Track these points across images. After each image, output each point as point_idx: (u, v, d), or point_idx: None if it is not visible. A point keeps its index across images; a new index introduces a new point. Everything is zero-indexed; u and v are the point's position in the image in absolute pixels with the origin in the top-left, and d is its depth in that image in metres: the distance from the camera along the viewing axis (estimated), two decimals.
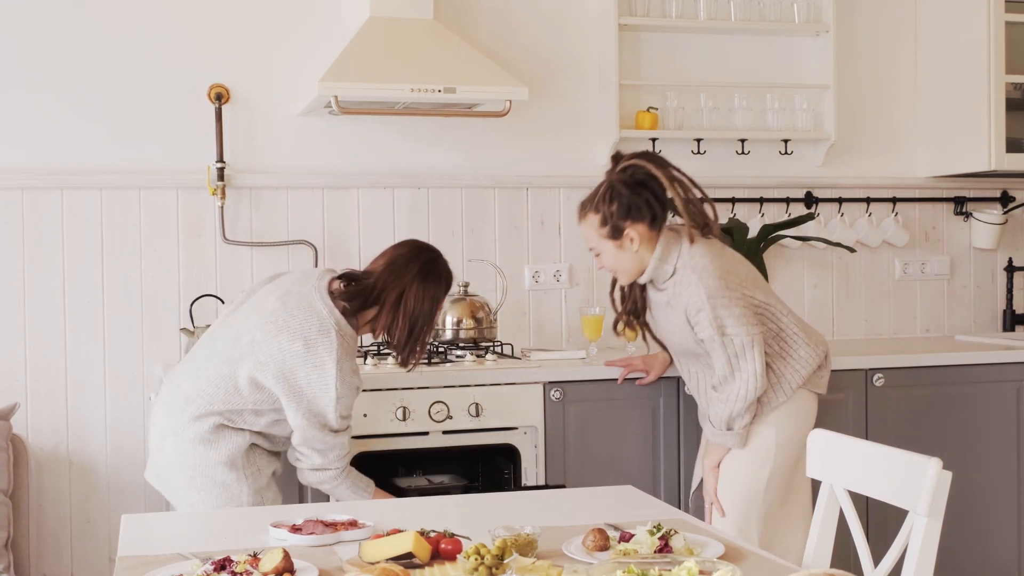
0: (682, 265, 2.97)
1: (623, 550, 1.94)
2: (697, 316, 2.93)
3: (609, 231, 2.99)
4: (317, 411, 2.79)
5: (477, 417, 3.38)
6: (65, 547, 3.75)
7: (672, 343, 3.18)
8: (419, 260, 2.92)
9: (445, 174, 4.05)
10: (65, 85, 3.74)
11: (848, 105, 4.42)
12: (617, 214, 2.97)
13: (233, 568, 1.84)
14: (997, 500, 3.85)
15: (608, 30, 4.07)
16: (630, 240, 2.99)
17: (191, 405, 2.86)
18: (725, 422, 3.00)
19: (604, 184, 3.02)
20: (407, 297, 2.87)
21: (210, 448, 2.83)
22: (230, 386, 2.83)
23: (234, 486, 2.83)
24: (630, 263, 3.03)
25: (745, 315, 2.93)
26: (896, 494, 2.13)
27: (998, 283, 4.62)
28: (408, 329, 2.88)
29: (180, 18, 3.82)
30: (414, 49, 3.67)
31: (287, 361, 2.77)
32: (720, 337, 2.91)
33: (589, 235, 3.04)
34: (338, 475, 2.87)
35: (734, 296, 2.93)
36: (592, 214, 3.02)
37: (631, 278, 3.09)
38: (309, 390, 2.78)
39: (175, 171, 3.82)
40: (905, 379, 3.74)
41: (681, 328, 3.02)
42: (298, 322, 2.79)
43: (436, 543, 1.99)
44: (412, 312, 2.87)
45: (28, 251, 3.71)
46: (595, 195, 3.02)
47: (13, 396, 3.65)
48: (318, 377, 2.76)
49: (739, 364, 2.93)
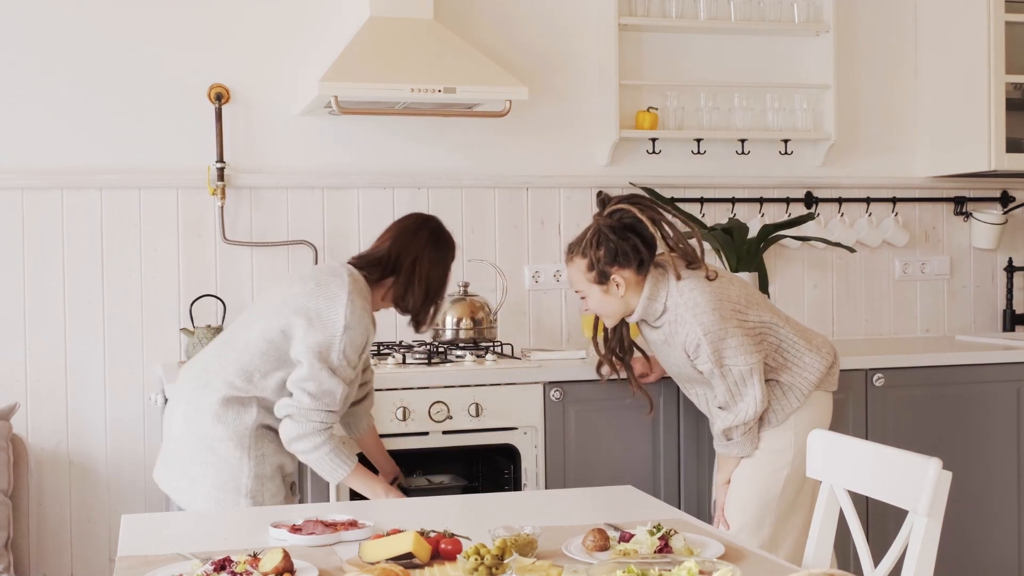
0: (673, 303, 2.99)
1: (623, 550, 1.94)
2: (696, 352, 2.97)
3: (596, 276, 3.01)
4: (321, 341, 2.76)
5: (477, 417, 3.38)
6: (65, 547, 3.76)
7: (674, 373, 3.22)
8: (427, 228, 3.01)
9: (445, 174, 4.05)
10: (65, 85, 3.74)
11: (848, 105, 4.42)
12: (604, 259, 2.98)
13: (233, 568, 1.84)
14: (997, 500, 3.85)
15: (608, 30, 4.08)
16: (616, 285, 3.00)
17: (205, 373, 2.89)
18: (723, 433, 3.04)
19: (592, 228, 3.02)
20: (421, 261, 2.95)
21: (218, 422, 2.83)
22: (242, 346, 2.86)
23: (236, 464, 2.82)
24: (616, 307, 3.05)
25: (743, 344, 2.96)
26: (896, 494, 2.13)
27: (998, 283, 4.62)
28: (424, 292, 2.95)
29: (180, 18, 3.83)
30: (414, 49, 3.67)
31: (300, 297, 2.83)
32: (719, 369, 2.96)
33: (575, 278, 3.06)
34: (321, 444, 2.79)
35: (729, 326, 2.96)
36: (579, 258, 3.03)
37: (616, 320, 3.12)
38: (318, 318, 2.78)
39: (175, 171, 3.82)
40: (905, 379, 3.74)
41: (682, 362, 3.06)
42: (311, 272, 2.94)
43: (436, 543, 1.99)
44: (428, 275, 2.95)
45: (28, 251, 3.72)
46: (582, 239, 3.03)
47: (13, 396, 3.65)
48: (328, 306, 2.79)
49: (740, 391, 2.99)
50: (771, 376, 3.05)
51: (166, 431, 2.98)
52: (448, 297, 3.74)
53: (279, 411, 2.82)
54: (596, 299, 3.05)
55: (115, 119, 3.78)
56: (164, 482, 2.97)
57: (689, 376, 3.12)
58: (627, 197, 3.05)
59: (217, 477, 2.82)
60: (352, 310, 2.79)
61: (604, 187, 4.16)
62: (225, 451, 2.83)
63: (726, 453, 3.09)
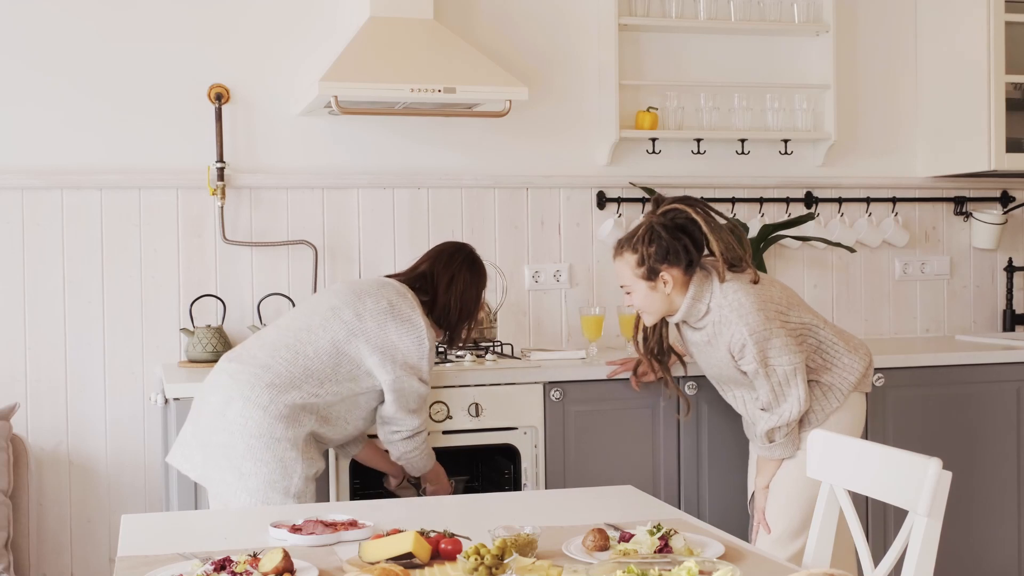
0: (717, 304, 3.02)
1: (623, 550, 1.94)
2: (742, 352, 3.00)
3: (645, 272, 3.04)
4: (413, 364, 2.98)
5: (477, 417, 3.38)
6: (65, 547, 3.76)
7: (714, 375, 3.24)
8: (463, 252, 3.21)
9: (445, 174, 4.05)
10: (65, 85, 3.74)
11: (848, 105, 4.42)
12: (655, 256, 3.02)
13: (233, 568, 1.84)
14: (997, 500, 3.85)
15: (608, 30, 4.08)
16: (664, 283, 3.04)
17: (268, 372, 2.91)
18: (766, 435, 3.07)
19: (644, 225, 3.07)
20: (457, 280, 3.13)
21: (282, 423, 2.87)
22: (312, 353, 2.95)
23: (291, 465, 2.87)
24: (660, 304, 3.08)
25: (787, 344, 2.99)
26: (896, 494, 2.13)
27: (998, 283, 4.62)
28: (459, 310, 3.12)
29: (180, 18, 3.83)
30: (414, 49, 3.67)
31: (377, 320, 2.97)
32: (764, 369, 2.99)
33: (624, 273, 3.09)
34: (425, 436, 3.09)
35: (774, 327, 2.98)
36: (629, 253, 3.06)
37: (656, 318, 3.14)
38: (402, 344, 2.97)
39: (175, 171, 3.82)
40: (905, 379, 3.74)
41: (725, 363, 3.08)
42: (375, 288, 3.05)
43: (436, 543, 1.99)
44: (463, 294, 3.13)
45: (28, 251, 3.72)
46: (634, 235, 3.07)
47: (13, 396, 3.65)
48: (408, 330, 2.99)
49: (784, 391, 3.01)
50: (812, 377, 3.08)
51: (207, 421, 2.94)
52: None
53: (384, 437, 3.07)
54: (641, 295, 3.08)
55: (115, 119, 3.78)
56: (199, 471, 2.96)
57: (730, 377, 3.14)
58: (682, 199, 3.09)
59: (270, 476, 2.86)
60: (428, 332, 3.01)
61: (604, 187, 4.16)
62: (283, 452, 2.87)
63: (768, 455, 3.11)
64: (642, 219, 3.12)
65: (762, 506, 3.14)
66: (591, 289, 4.17)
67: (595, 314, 3.81)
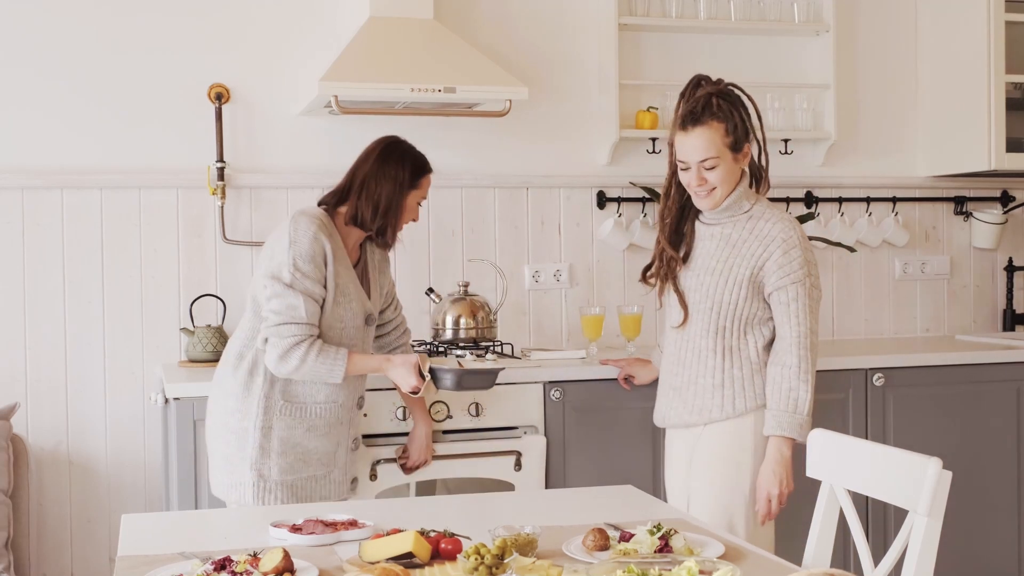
0: (763, 207, 2.87)
1: (623, 550, 1.94)
2: (789, 255, 2.78)
3: (732, 142, 2.82)
4: (274, 266, 2.83)
5: (477, 417, 3.38)
6: (65, 547, 3.76)
7: (710, 294, 2.89)
8: (379, 146, 3.00)
9: (445, 174, 4.04)
10: (65, 85, 3.74)
11: (848, 105, 4.42)
12: (740, 127, 2.83)
13: (233, 568, 1.84)
14: (997, 500, 3.85)
15: (608, 30, 4.07)
16: (744, 156, 2.84)
17: (229, 353, 2.98)
18: (808, 403, 2.77)
19: (710, 96, 2.84)
20: (368, 181, 2.94)
21: (228, 395, 2.90)
22: (250, 313, 2.95)
23: (247, 433, 2.87)
24: (733, 182, 2.84)
25: (817, 281, 2.84)
26: (896, 494, 2.13)
27: (998, 283, 4.62)
28: (372, 209, 2.93)
29: (180, 18, 3.82)
30: (414, 49, 3.67)
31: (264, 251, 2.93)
32: (808, 282, 2.78)
33: (706, 145, 2.80)
34: (307, 347, 2.80)
35: (812, 254, 2.84)
36: (716, 121, 2.81)
37: (720, 201, 2.85)
38: (269, 249, 2.87)
39: (175, 171, 3.82)
40: (905, 379, 3.74)
41: (738, 270, 2.83)
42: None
43: (436, 543, 1.99)
44: (374, 193, 2.93)
45: (28, 251, 3.71)
46: (707, 105, 2.83)
47: (13, 396, 3.65)
48: (275, 237, 2.89)
49: (814, 325, 2.80)
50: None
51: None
52: (448, 296, 3.74)
53: (259, 342, 2.88)
54: (727, 167, 2.82)
55: (115, 119, 3.78)
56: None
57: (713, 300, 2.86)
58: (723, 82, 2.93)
59: (226, 448, 2.90)
60: (295, 227, 2.84)
61: (604, 187, 4.16)
62: (237, 418, 2.88)
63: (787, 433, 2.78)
64: (696, 93, 2.88)
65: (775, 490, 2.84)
66: (591, 289, 4.16)
67: (595, 314, 3.81)
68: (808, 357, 2.80)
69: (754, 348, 2.88)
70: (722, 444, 2.90)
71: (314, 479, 2.94)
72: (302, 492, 2.92)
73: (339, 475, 3.00)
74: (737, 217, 2.89)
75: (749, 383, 2.88)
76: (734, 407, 2.88)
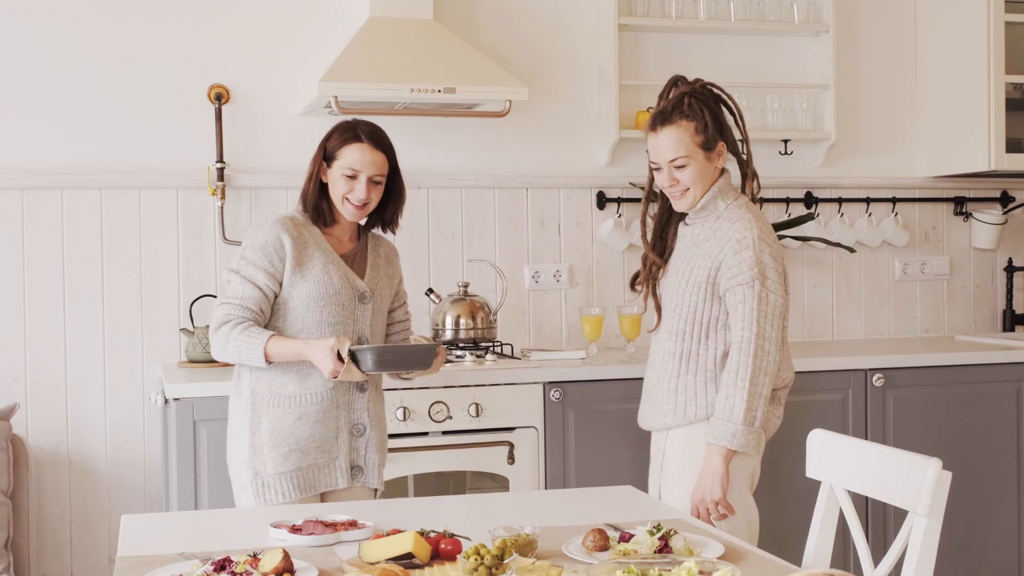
0: (735, 207, 2.79)
1: (623, 550, 1.94)
2: (740, 255, 2.70)
3: (704, 140, 2.77)
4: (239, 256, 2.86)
5: (477, 417, 3.38)
6: (65, 547, 3.76)
7: (675, 296, 2.84)
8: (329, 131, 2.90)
9: (445, 174, 4.05)
10: (65, 86, 3.74)
11: (848, 105, 4.42)
12: (712, 125, 2.77)
13: (233, 568, 1.84)
14: (997, 500, 3.85)
15: (608, 30, 4.08)
16: (717, 155, 2.79)
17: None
18: (744, 411, 2.65)
19: (683, 96, 2.78)
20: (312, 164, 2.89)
21: (231, 402, 2.88)
22: None
23: (239, 434, 2.83)
24: (707, 182, 2.79)
25: (782, 281, 2.72)
26: (896, 494, 2.13)
27: (998, 283, 4.63)
28: (303, 189, 2.89)
29: (180, 18, 3.82)
30: (414, 49, 3.67)
31: None
32: (759, 284, 2.67)
33: (675, 145, 2.75)
34: (231, 324, 2.75)
35: (778, 255, 2.73)
36: (685, 120, 2.76)
37: (694, 203, 2.80)
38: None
39: (175, 171, 3.82)
40: (905, 379, 3.74)
41: (697, 271, 2.77)
42: None
43: (436, 543, 1.99)
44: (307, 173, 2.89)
45: (28, 251, 3.72)
46: (677, 104, 2.78)
47: (13, 396, 3.65)
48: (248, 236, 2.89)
49: (765, 330, 2.68)
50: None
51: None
52: (448, 297, 3.74)
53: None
54: (699, 167, 2.76)
55: (115, 119, 3.78)
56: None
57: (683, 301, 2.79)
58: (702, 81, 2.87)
59: (231, 455, 2.86)
60: (258, 225, 2.87)
61: (604, 187, 4.16)
62: (234, 422, 2.86)
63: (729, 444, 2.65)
64: (671, 94, 2.83)
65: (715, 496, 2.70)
66: (591, 289, 4.16)
67: (595, 314, 3.81)
68: (749, 363, 2.67)
69: (712, 355, 2.77)
70: (683, 450, 2.82)
71: (316, 467, 2.85)
72: (305, 482, 2.82)
73: (344, 462, 2.92)
74: (708, 217, 2.83)
75: (702, 391, 2.78)
76: (685, 414, 2.80)
